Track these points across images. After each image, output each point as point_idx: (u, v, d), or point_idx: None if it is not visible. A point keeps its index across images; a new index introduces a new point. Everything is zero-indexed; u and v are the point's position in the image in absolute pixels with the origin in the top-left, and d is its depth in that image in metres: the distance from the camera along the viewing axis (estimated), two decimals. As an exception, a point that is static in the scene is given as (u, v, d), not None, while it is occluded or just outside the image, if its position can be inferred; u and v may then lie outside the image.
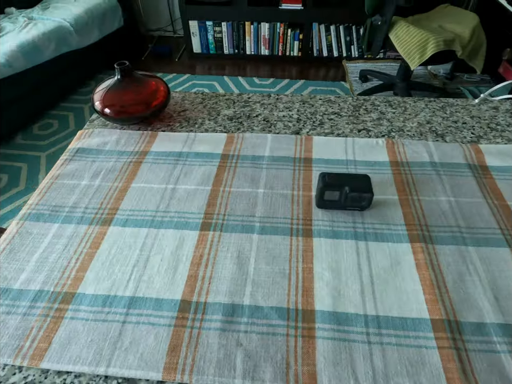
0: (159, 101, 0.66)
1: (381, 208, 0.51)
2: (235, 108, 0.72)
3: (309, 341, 0.38)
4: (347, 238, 0.48)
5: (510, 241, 0.47)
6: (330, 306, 0.41)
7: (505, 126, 0.65)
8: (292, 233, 0.48)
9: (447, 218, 0.50)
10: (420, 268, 0.44)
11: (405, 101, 0.72)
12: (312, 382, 0.35)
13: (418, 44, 1.92)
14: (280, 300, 0.42)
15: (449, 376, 0.35)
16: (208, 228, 0.49)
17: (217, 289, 0.43)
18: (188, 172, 0.58)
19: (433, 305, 0.40)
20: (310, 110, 0.71)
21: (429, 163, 0.58)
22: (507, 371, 0.35)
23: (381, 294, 0.42)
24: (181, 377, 0.35)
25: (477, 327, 0.39)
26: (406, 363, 0.36)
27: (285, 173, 0.57)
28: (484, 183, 0.54)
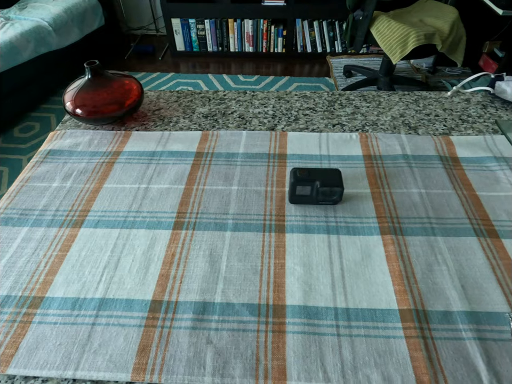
0: (132, 100, 0.66)
1: (353, 202, 0.52)
2: (210, 106, 0.71)
3: (279, 336, 0.38)
4: (319, 233, 0.48)
5: (477, 230, 0.47)
6: (301, 300, 0.41)
7: (476, 117, 0.67)
8: (265, 230, 0.48)
9: (417, 210, 0.50)
10: (390, 259, 0.45)
11: (379, 95, 0.73)
12: (282, 376, 0.35)
13: (400, 38, 1.94)
14: (252, 296, 0.42)
15: (415, 365, 0.36)
16: (180, 227, 0.49)
17: (189, 288, 0.42)
18: (161, 171, 0.57)
19: (402, 295, 0.41)
20: (286, 106, 0.71)
21: (401, 156, 0.58)
22: (471, 357, 0.36)
23: (351, 286, 0.42)
24: (150, 377, 0.35)
25: (444, 315, 0.39)
26: (374, 354, 0.37)
27: (259, 169, 0.57)
28: (454, 174, 0.55)
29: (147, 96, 0.74)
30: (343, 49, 2.90)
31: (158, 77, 2.74)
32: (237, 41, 2.91)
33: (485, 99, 0.71)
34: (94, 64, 0.62)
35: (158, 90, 0.76)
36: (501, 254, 0.45)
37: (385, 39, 1.98)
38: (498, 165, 0.56)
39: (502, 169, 0.56)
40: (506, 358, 0.36)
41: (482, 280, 0.42)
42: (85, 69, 0.62)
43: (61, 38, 2.32)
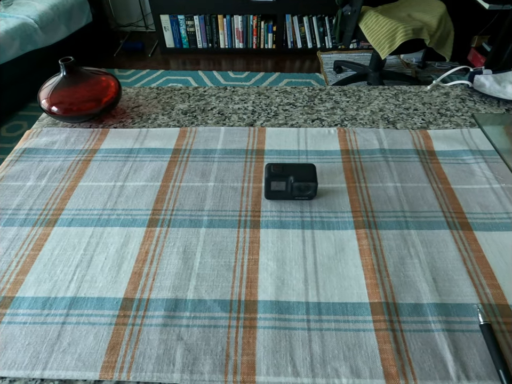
0: (110, 97, 0.65)
1: (329, 197, 0.52)
2: (190, 102, 0.71)
3: (250, 331, 0.38)
4: (294, 228, 0.48)
5: (450, 223, 0.48)
6: (273, 296, 0.41)
7: (454, 111, 0.67)
8: (240, 226, 0.48)
9: (392, 204, 0.50)
10: (363, 253, 0.45)
11: (359, 89, 0.73)
12: (251, 371, 0.35)
13: (388, 33, 1.94)
14: (224, 292, 0.42)
15: (384, 357, 0.36)
16: (155, 224, 0.49)
17: (161, 285, 0.42)
18: (138, 168, 0.57)
19: (373, 289, 0.41)
20: (266, 101, 0.70)
21: (379, 150, 0.59)
22: (439, 348, 0.37)
23: (323, 281, 0.42)
24: (119, 375, 0.35)
25: (414, 308, 0.40)
26: (344, 347, 0.37)
27: (236, 165, 0.57)
28: (430, 167, 0.56)
29: (126, 93, 0.74)
30: (333, 45, 2.90)
31: (148, 74, 2.72)
32: (226, 37, 2.89)
33: (464, 93, 0.71)
34: (69, 61, 0.61)
35: (138, 87, 0.75)
36: (473, 246, 0.45)
37: (374, 34, 1.98)
38: (474, 158, 0.57)
39: (477, 162, 0.56)
40: (474, 348, 0.36)
41: (453, 272, 0.43)
42: (60, 66, 0.61)
43: (47, 35, 2.29)
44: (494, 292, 0.41)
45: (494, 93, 0.70)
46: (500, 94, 0.70)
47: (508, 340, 0.37)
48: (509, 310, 0.39)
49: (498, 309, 0.39)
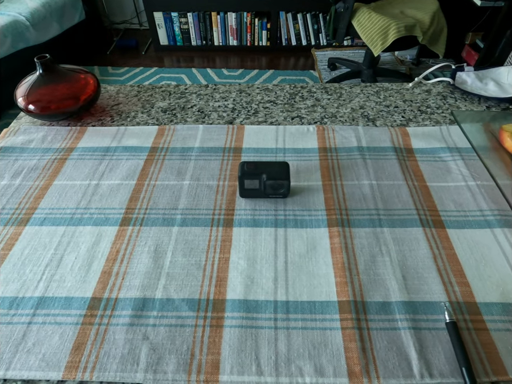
0: (88, 94, 0.64)
1: (304, 195, 0.52)
2: (170, 100, 0.70)
3: (216, 330, 0.38)
4: (267, 226, 0.48)
5: (424, 220, 0.48)
6: (242, 294, 0.41)
7: (435, 108, 0.67)
8: (213, 224, 0.48)
9: (366, 202, 0.50)
10: (334, 251, 0.45)
11: (341, 87, 0.73)
12: (215, 370, 0.35)
13: (380, 30, 1.93)
14: (193, 291, 0.41)
15: (348, 356, 0.36)
16: (128, 223, 0.48)
17: (130, 284, 0.42)
18: (114, 167, 0.56)
19: (342, 287, 0.41)
20: (246, 99, 0.70)
21: (356, 148, 0.58)
22: (405, 346, 0.36)
23: (293, 279, 0.42)
24: (82, 375, 0.35)
25: (382, 306, 0.40)
26: (309, 345, 0.37)
27: (213, 163, 0.57)
28: (407, 165, 0.55)
29: (107, 91, 0.73)
30: (327, 42, 2.89)
31: (141, 72, 2.71)
32: (220, 34, 2.88)
33: (446, 90, 0.71)
34: (45, 59, 0.60)
35: (119, 85, 0.74)
36: (444, 244, 0.45)
37: (366, 31, 1.97)
38: (451, 155, 0.57)
39: (454, 160, 0.56)
40: (439, 346, 0.36)
41: (423, 270, 0.42)
42: (36, 64, 0.61)
43: (39, 33, 2.28)
44: (463, 290, 0.41)
45: (475, 90, 0.70)
46: (481, 91, 0.70)
47: (474, 337, 0.37)
48: (477, 307, 0.39)
49: (466, 307, 0.39)
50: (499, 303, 0.39)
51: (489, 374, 0.34)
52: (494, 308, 0.39)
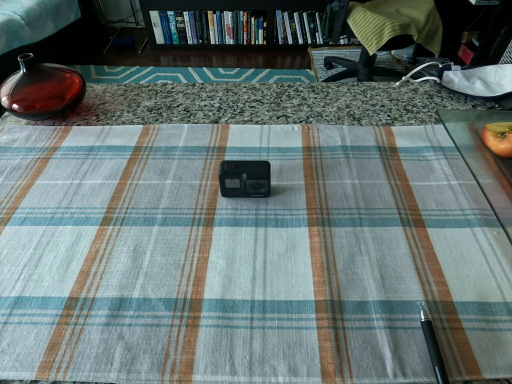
0: (73, 93, 0.64)
1: (286, 194, 0.51)
2: (157, 99, 0.70)
3: (192, 330, 0.38)
4: (248, 226, 0.48)
5: (404, 220, 0.48)
6: (219, 294, 0.41)
7: (421, 107, 0.66)
8: (193, 224, 0.48)
9: (348, 201, 0.50)
10: (313, 251, 0.45)
11: (328, 86, 0.73)
12: (188, 370, 0.35)
13: (375, 29, 1.93)
14: (170, 290, 0.41)
15: (323, 355, 0.36)
16: (108, 223, 0.48)
17: (108, 284, 0.42)
18: (97, 166, 0.56)
19: (319, 287, 0.41)
20: (233, 98, 0.70)
21: (340, 147, 0.58)
22: (379, 346, 0.36)
23: (271, 279, 0.42)
24: (55, 375, 0.35)
25: (359, 305, 0.40)
26: (284, 345, 0.37)
27: (196, 163, 0.57)
28: (390, 164, 0.55)
29: (93, 90, 0.73)
30: (324, 41, 2.88)
31: (137, 71, 2.70)
32: (217, 33, 2.87)
33: (433, 89, 0.71)
34: (28, 58, 0.60)
35: (105, 84, 0.74)
36: (424, 243, 0.45)
37: (361, 30, 1.97)
38: (435, 154, 0.56)
39: (438, 159, 0.56)
40: (414, 345, 0.36)
41: (401, 269, 0.42)
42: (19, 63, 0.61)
43: (34, 32, 2.27)
44: (440, 289, 0.41)
45: (462, 89, 0.70)
46: (468, 90, 0.69)
47: (449, 336, 0.37)
48: (453, 307, 0.39)
49: (442, 306, 0.39)
50: (475, 302, 0.39)
51: (462, 373, 0.34)
52: (470, 307, 0.39)
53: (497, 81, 0.70)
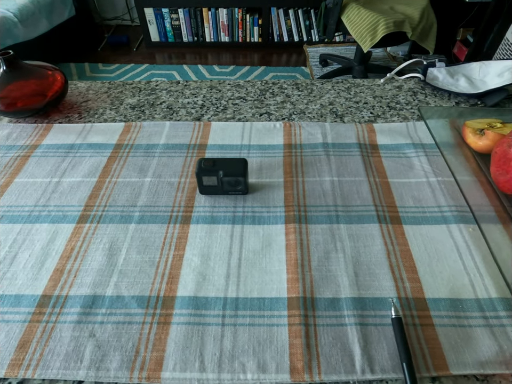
0: (54, 91, 0.64)
1: (264, 191, 0.51)
2: (140, 96, 0.70)
3: (164, 327, 0.38)
4: (224, 223, 0.48)
5: (381, 217, 0.48)
6: (192, 291, 0.41)
7: (404, 104, 0.66)
8: (170, 221, 0.48)
9: (326, 198, 0.50)
10: (289, 248, 0.45)
11: (313, 83, 0.72)
12: (158, 367, 0.35)
13: (369, 26, 1.93)
14: (144, 288, 0.41)
15: (292, 352, 0.36)
16: (85, 220, 0.48)
17: (82, 282, 0.42)
18: (77, 164, 0.56)
19: (293, 284, 0.41)
20: (216, 95, 0.70)
21: (321, 144, 0.58)
22: (350, 342, 0.36)
23: (245, 276, 0.42)
24: (24, 372, 0.35)
25: (331, 302, 0.40)
26: (255, 342, 0.37)
27: (176, 160, 0.56)
28: (370, 161, 0.55)
29: (77, 87, 0.73)
30: (320, 38, 2.87)
31: (132, 69, 2.69)
32: (212, 31, 2.86)
33: (417, 86, 0.71)
34: (8, 55, 0.60)
35: (89, 81, 0.74)
36: (399, 240, 0.45)
37: (356, 27, 1.96)
38: (415, 151, 0.56)
39: (418, 156, 0.56)
40: (384, 342, 0.36)
41: (375, 266, 0.42)
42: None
43: (28, 29, 2.26)
44: (413, 286, 0.41)
45: (446, 86, 0.70)
46: (452, 87, 0.69)
47: (419, 333, 0.37)
48: (425, 303, 0.39)
49: (415, 303, 0.39)
50: (447, 299, 0.39)
51: (430, 369, 0.34)
52: (441, 304, 0.39)
53: (482, 78, 0.70)
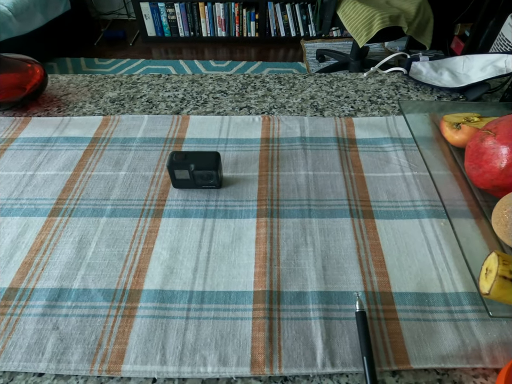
0: (33, 83, 0.64)
1: (239, 185, 0.51)
2: (121, 90, 0.69)
3: (128, 320, 0.38)
4: (196, 217, 0.47)
5: (354, 211, 0.47)
6: (159, 285, 0.41)
7: (385, 98, 0.66)
8: (142, 215, 0.48)
9: (299, 192, 0.50)
10: (258, 242, 0.44)
11: (295, 77, 0.72)
12: (119, 360, 0.35)
13: (365, 21, 1.91)
14: (111, 281, 0.41)
15: (254, 345, 0.36)
16: (57, 214, 0.48)
17: (49, 275, 0.42)
18: (52, 158, 0.56)
19: (260, 277, 0.41)
20: (198, 89, 0.69)
21: (299, 138, 0.58)
22: (313, 336, 0.36)
23: (213, 270, 0.42)
24: (-15, 364, 0.35)
25: (297, 296, 0.39)
26: (217, 335, 0.37)
27: (152, 154, 0.56)
28: (347, 156, 0.55)
29: (58, 80, 0.72)
30: (317, 33, 2.85)
31: (128, 64, 2.68)
32: (208, 25, 2.84)
33: (400, 80, 0.70)
34: (-16, 47, 0.59)
35: (71, 74, 0.73)
36: (370, 234, 0.45)
37: (351, 22, 1.95)
38: (393, 145, 0.56)
39: (395, 150, 0.55)
40: (346, 336, 0.36)
41: (344, 260, 0.42)
42: (-24, 53, 0.60)
43: (22, 23, 2.25)
44: (380, 280, 0.40)
45: (429, 80, 0.69)
46: (435, 82, 0.69)
47: (383, 327, 0.37)
48: (391, 297, 0.39)
49: (381, 297, 0.39)
50: (414, 293, 0.39)
51: (391, 363, 0.34)
52: (407, 298, 0.39)
53: (465, 72, 0.69)
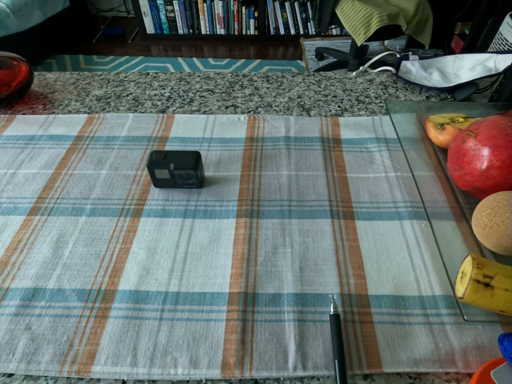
0: (19, 81, 0.63)
1: (220, 185, 0.51)
2: (107, 88, 0.69)
3: (101, 321, 0.38)
4: (175, 217, 0.47)
5: (334, 212, 0.47)
6: (134, 285, 0.40)
7: (373, 98, 0.65)
8: (121, 214, 0.47)
9: (281, 193, 0.49)
10: (237, 242, 0.44)
11: (284, 75, 0.71)
12: (89, 361, 0.35)
13: (363, 19, 1.90)
14: (86, 281, 0.41)
15: (226, 347, 0.35)
16: (36, 213, 0.48)
17: (25, 274, 0.42)
18: (35, 156, 0.55)
19: (236, 279, 0.41)
20: (185, 87, 0.69)
21: (283, 138, 0.57)
22: (286, 338, 0.36)
23: (189, 270, 0.42)
24: (-45, 364, 0.35)
25: (273, 298, 0.39)
26: (190, 337, 0.36)
27: (135, 153, 0.56)
28: (331, 156, 0.54)
29: (45, 78, 0.72)
30: (316, 31, 2.84)
31: (126, 61, 2.68)
32: (208, 23, 2.83)
33: (389, 79, 0.70)
34: (-32, 45, 0.59)
35: (58, 72, 0.73)
36: (350, 236, 0.44)
37: (349, 20, 1.93)
38: (378, 146, 0.55)
39: (380, 150, 0.55)
40: (320, 339, 0.36)
41: (322, 262, 0.42)
42: (-41, 50, 0.59)
43: (20, 20, 2.25)
44: (358, 282, 0.40)
45: (418, 80, 0.68)
46: (425, 81, 0.68)
47: (357, 330, 0.36)
48: (367, 300, 0.39)
49: (357, 299, 0.39)
50: (390, 296, 0.39)
51: (363, 366, 0.34)
52: (383, 301, 0.38)
53: (455, 72, 0.68)
